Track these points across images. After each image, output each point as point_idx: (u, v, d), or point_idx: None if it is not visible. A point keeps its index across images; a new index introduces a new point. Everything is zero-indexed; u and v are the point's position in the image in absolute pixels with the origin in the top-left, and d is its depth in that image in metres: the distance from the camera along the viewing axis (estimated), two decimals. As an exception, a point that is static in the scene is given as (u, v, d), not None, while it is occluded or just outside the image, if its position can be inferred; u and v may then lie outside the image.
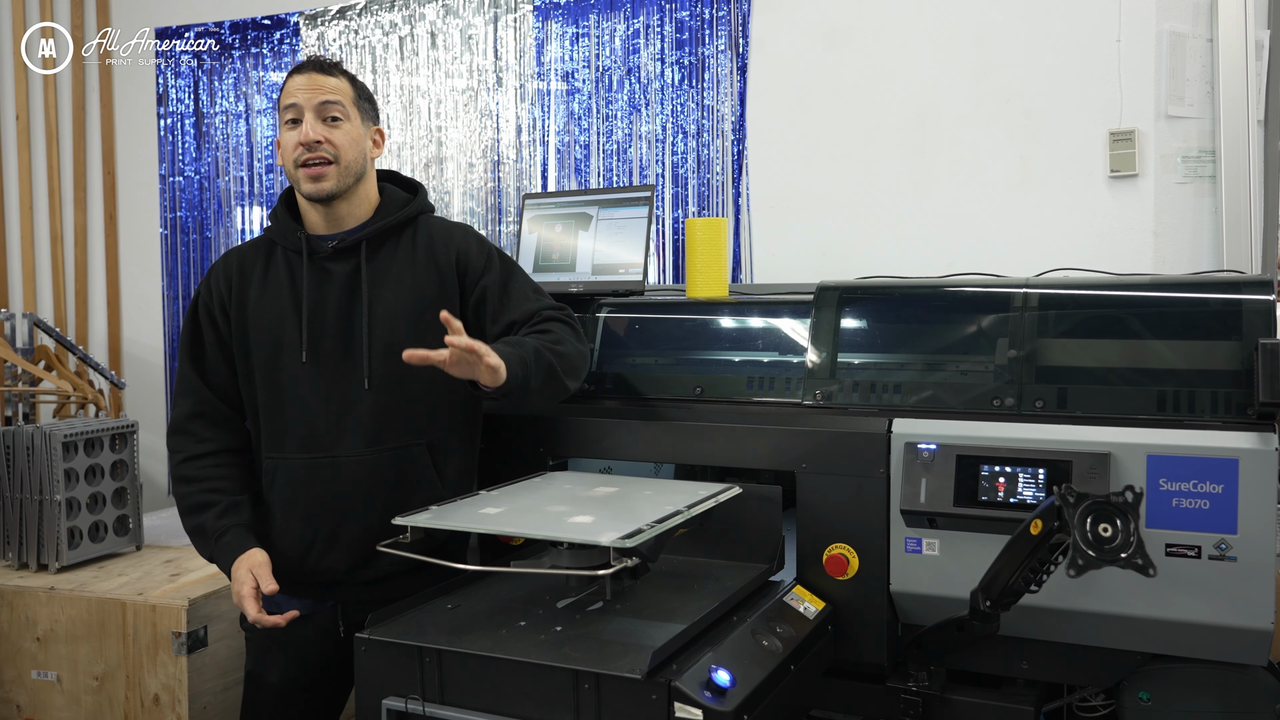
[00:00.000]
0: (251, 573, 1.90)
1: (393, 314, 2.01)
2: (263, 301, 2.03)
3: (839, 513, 1.97)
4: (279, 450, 2.01)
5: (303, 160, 1.97)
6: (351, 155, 2.00)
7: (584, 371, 2.03)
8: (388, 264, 2.04)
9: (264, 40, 4.00)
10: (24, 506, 2.73)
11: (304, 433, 1.99)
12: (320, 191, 1.98)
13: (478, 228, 3.69)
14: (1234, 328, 1.88)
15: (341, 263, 2.03)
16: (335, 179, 1.99)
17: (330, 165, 1.97)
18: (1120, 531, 1.51)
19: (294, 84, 2.01)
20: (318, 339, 2.00)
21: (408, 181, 2.18)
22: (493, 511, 1.77)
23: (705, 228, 2.44)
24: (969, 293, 2.21)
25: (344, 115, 2.01)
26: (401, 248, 2.06)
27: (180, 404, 2.07)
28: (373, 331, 1.99)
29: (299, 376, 1.99)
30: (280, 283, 2.03)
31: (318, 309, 2.00)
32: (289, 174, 2.02)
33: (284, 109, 2.01)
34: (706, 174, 3.36)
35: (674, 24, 3.37)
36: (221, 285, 2.06)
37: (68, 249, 4.32)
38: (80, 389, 3.63)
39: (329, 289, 2.01)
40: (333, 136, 1.98)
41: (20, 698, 2.61)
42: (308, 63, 2.04)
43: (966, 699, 1.97)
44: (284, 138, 2.01)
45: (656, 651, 1.50)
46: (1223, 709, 1.86)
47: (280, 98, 2.04)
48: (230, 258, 2.10)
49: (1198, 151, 2.89)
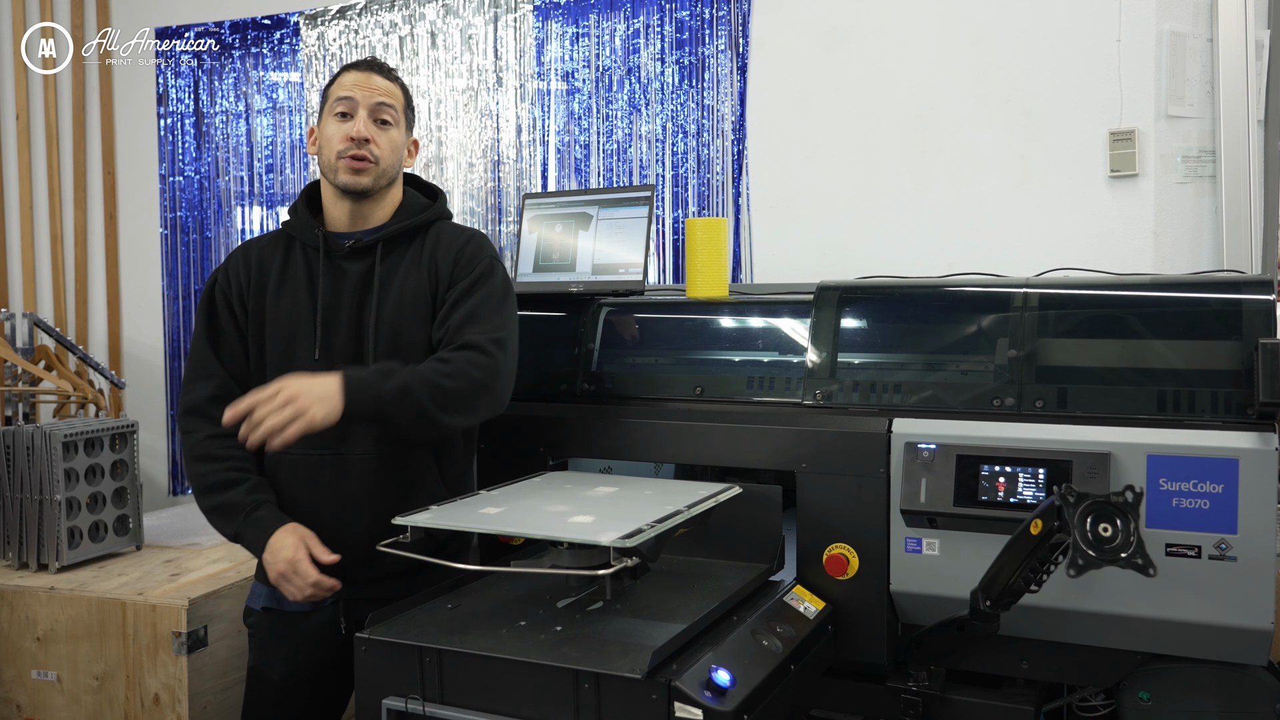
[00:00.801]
0: (305, 542, 1.89)
1: (396, 313, 2.02)
2: (280, 296, 2.04)
3: (839, 513, 1.97)
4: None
5: (349, 153, 2.00)
6: (391, 160, 2.05)
7: (477, 407, 1.92)
8: (397, 265, 2.06)
9: (264, 40, 4.00)
10: (24, 506, 2.73)
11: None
12: (357, 184, 2.01)
13: (478, 228, 3.69)
14: (1234, 327, 1.88)
15: (357, 262, 2.05)
16: (373, 177, 2.02)
17: (371, 164, 2.01)
18: (1120, 531, 1.51)
19: (351, 79, 2.04)
20: (330, 336, 2.01)
21: (428, 186, 2.20)
22: (493, 511, 1.77)
23: (705, 227, 2.44)
24: (969, 292, 2.21)
25: (394, 121, 2.05)
26: (412, 250, 2.07)
27: (199, 386, 2.04)
28: (379, 330, 2.01)
29: (311, 372, 1.97)
30: (298, 277, 2.05)
31: (332, 306, 2.02)
32: (326, 162, 2.03)
33: (336, 100, 2.03)
34: (706, 174, 3.36)
35: (674, 24, 3.37)
36: (241, 275, 2.08)
37: (68, 249, 4.32)
38: (80, 389, 3.63)
39: (344, 286, 2.03)
40: (380, 140, 2.02)
41: (20, 697, 2.61)
42: (367, 62, 2.08)
43: (966, 699, 1.97)
44: (329, 127, 2.03)
45: (656, 651, 1.50)
46: (1223, 709, 1.86)
47: (331, 88, 2.06)
48: (250, 249, 2.12)
49: (1198, 151, 2.89)
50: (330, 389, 1.78)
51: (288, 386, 1.76)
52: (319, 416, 1.75)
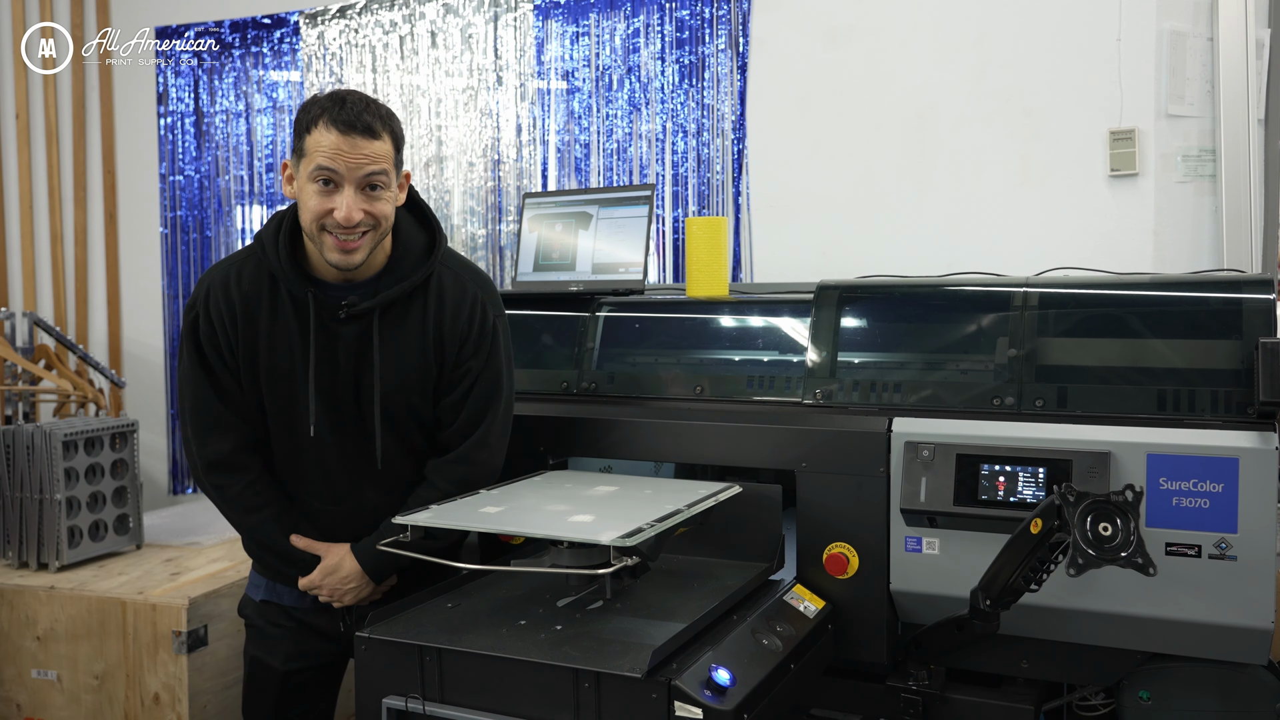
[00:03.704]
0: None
1: (398, 387, 1.94)
2: (274, 353, 1.90)
3: (839, 512, 1.97)
4: (295, 492, 2.01)
5: (338, 233, 1.80)
6: (389, 219, 1.85)
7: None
8: (396, 330, 1.93)
9: (264, 39, 4.00)
10: (24, 505, 2.73)
11: (323, 490, 1.99)
12: (349, 264, 1.82)
13: (478, 227, 3.69)
14: (1234, 327, 1.87)
15: (352, 324, 1.91)
16: (367, 248, 1.83)
17: (366, 234, 1.82)
18: (1120, 530, 1.51)
19: (332, 143, 1.76)
20: (330, 402, 1.93)
21: (422, 214, 2.01)
22: (493, 510, 1.77)
23: (705, 227, 2.44)
24: (969, 292, 2.21)
25: (386, 183, 1.82)
26: (412, 312, 1.93)
27: (216, 440, 1.93)
28: (384, 402, 1.94)
29: (315, 447, 1.95)
30: (290, 332, 1.90)
31: (329, 373, 1.91)
32: (309, 230, 1.82)
33: (316, 168, 1.77)
34: (706, 173, 3.36)
35: (674, 23, 3.37)
36: (225, 319, 1.90)
37: (68, 248, 4.32)
38: (80, 388, 3.63)
39: (338, 350, 1.92)
40: (374, 209, 1.81)
41: (20, 697, 2.61)
42: (350, 122, 1.77)
43: (966, 698, 1.97)
44: (309, 195, 1.80)
45: (657, 650, 1.50)
46: (1223, 708, 1.85)
47: (308, 141, 1.78)
48: (229, 287, 1.91)
49: (1198, 150, 2.89)
50: (359, 579, 1.98)
51: (328, 588, 1.98)
52: (365, 595, 2.00)
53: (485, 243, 3.69)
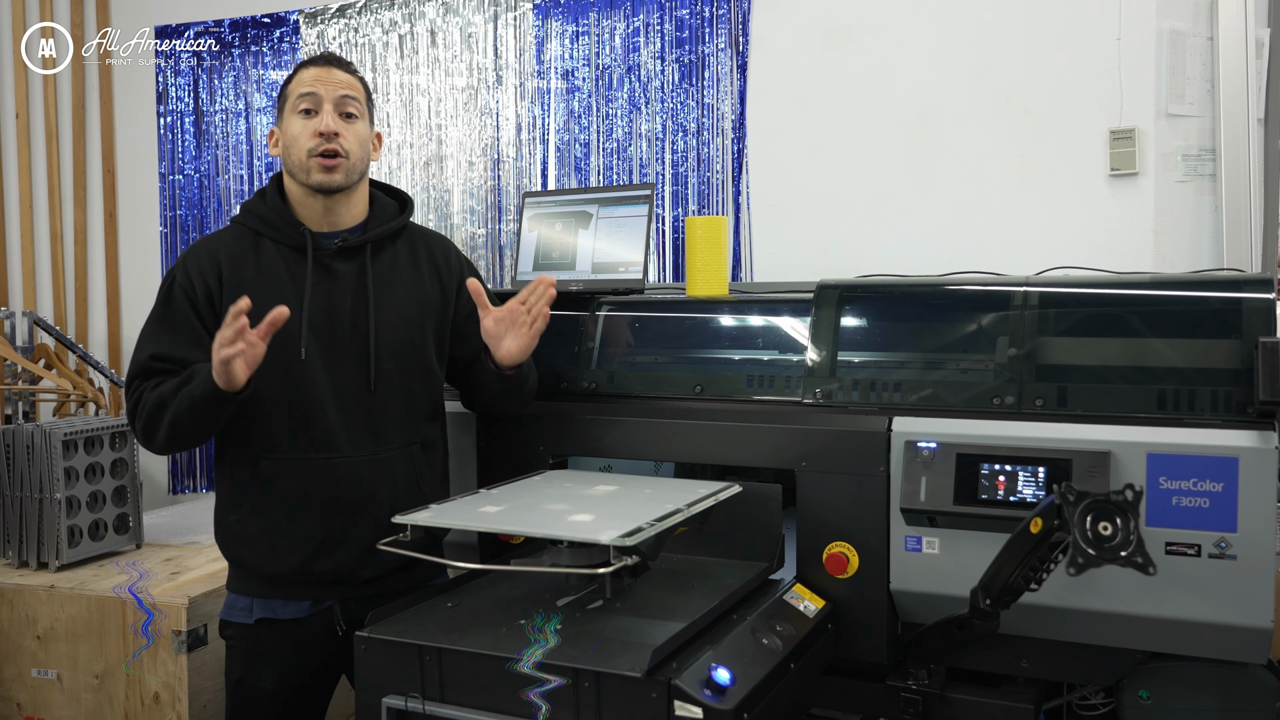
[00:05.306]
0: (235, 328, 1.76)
1: (400, 318, 2.02)
2: (262, 299, 1.90)
3: (839, 511, 1.97)
4: (279, 450, 1.95)
5: (319, 150, 1.97)
6: (359, 154, 2.03)
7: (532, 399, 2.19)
8: (391, 267, 2.06)
9: (264, 39, 4.00)
10: (24, 505, 2.73)
11: (316, 431, 1.96)
12: (331, 182, 1.99)
13: (478, 226, 3.69)
14: (1234, 326, 1.87)
15: (345, 262, 2.02)
16: (345, 173, 2.00)
17: (343, 159, 1.99)
18: (1120, 530, 1.51)
19: (311, 74, 2.01)
20: (324, 338, 1.98)
21: (386, 186, 2.20)
22: (493, 510, 1.77)
23: (705, 226, 2.44)
24: (969, 291, 2.21)
25: (359, 113, 2.03)
26: (401, 253, 2.09)
27: (145, 360, 1.97)
28: (379, 334, 2.00)
29: (304, 375, 1.95)
30: (279, 278, 1.98)
31: (325, 308, 1.99)
32: (295, 162, 1.99)
33: (298, 98, 2.00)
34: (706, 172, 3.36)
35: (674, 22, 3.37)
36: (209, 277, 1.98)
37: (68, 247, 4.32)
38: (80, 387, 3.63)
39: (335, 288, 2.00)
40: (347, 133, 2.00)
41: (20, 696, 2.61)
42: (325, 57, 2.05)
43: (966, 697, 1.97)
44: (293, 126, 2.00)
45: (656, 650, 1.50)
46: (1222, 707, 1.86)
47: (290, 86, 2.03)
48: (214, 247, 2.02)
49: (1198, 150, 2.89)
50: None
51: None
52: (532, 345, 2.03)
53: (485, 242, 3.69)
